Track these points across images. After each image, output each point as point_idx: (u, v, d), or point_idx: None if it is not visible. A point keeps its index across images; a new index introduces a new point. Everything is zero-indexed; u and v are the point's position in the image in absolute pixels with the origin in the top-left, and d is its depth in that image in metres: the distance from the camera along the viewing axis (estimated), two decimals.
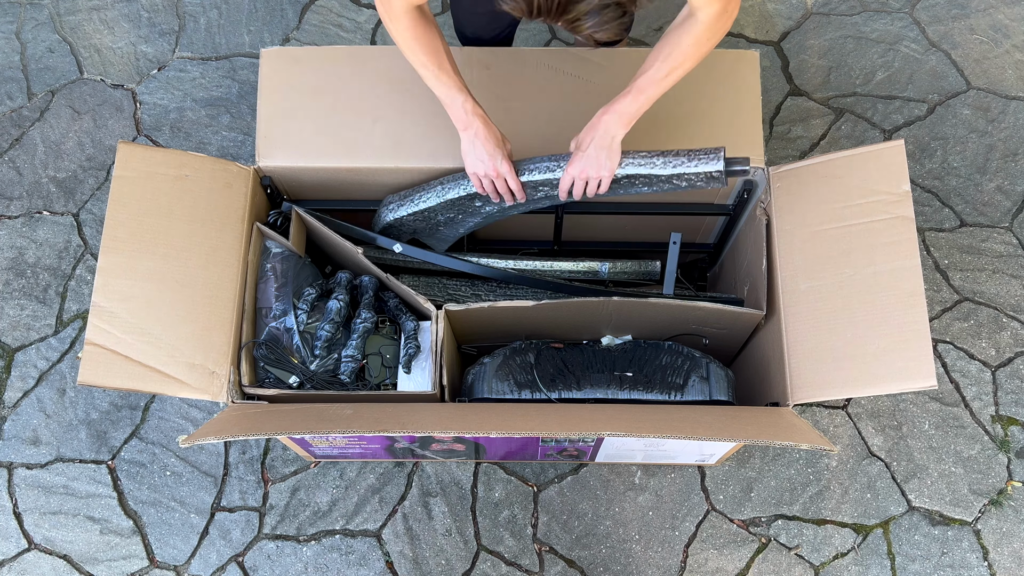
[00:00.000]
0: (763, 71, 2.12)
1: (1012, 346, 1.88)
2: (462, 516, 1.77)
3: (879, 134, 2.08)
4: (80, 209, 2.01)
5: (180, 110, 2.10)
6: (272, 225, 1.46)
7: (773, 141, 2.07)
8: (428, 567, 1.73)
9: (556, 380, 1.43)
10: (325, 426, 1.19)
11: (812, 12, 2.20)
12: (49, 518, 1.77)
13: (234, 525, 1.76)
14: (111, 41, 2.17)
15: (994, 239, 1.97)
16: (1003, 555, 1.73)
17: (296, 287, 1.41)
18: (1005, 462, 1.80)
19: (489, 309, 1.39)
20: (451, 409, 1.34)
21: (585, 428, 1.23)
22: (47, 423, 1.84)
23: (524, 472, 1.80)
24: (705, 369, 1.43)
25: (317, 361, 1.39)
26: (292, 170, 1.45)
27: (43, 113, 2.10)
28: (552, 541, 1.75)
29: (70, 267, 1.96)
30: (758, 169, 1.43)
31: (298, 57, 1.48)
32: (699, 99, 1.46)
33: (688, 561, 1.73)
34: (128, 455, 1.81)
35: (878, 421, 1.83)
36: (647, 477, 1.79)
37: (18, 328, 1.91)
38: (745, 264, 1.52)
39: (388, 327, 1.47)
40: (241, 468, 1.80)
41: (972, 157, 2.05)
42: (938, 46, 2.16)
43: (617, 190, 1.35)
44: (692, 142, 1.43)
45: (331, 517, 1.76)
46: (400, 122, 1.44)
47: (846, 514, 1.76)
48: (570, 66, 1.48)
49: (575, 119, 1.45)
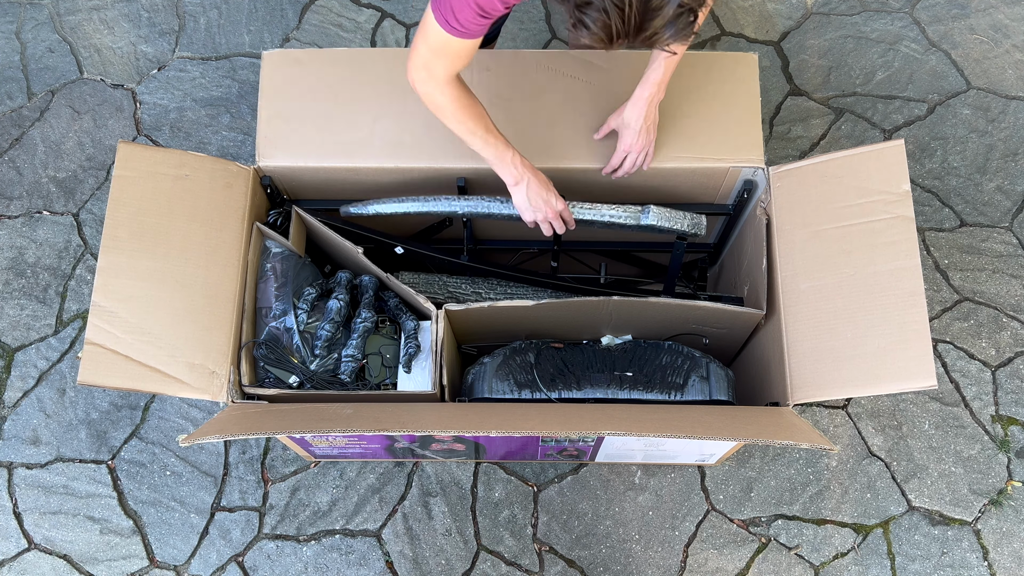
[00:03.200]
0: (763, 71, 2.12)
1: (1012, 346, 1.88)
2: (462, 516, 1.77)
3: (879, 134, 2.08)
4: (80, 209, 2.01)
5: (180, 110, 2.10)
6: (272, 225, 1.46)
7: (773, 141, 2.07)
8: (428, 567, 1.73)
9: (556, 380, 1.43)
10: (325, 426, 1.19)
11: (812, 12, 2.20)
12: (49, 518, 1.77)
13: (234, 525, 1.76)
14: (111, 41, 2.17)
15: (994, 239, 1.97)
16: (1003, 555, 1.73)
17: (296, 287, 1.41)
18: (1005, 462, 1.80)
19: (489, 309, 1.39)
20: (451, 409, 1.34)
21: (585, 428, 1.23)
22: (47, 423, 1.84)
23: (524, 472, 1.80)
24: (705, 369, 1.43)
25: (317, 361, 1.39)
26: (292, 170, 1.45)
27: (43, 113, 2.10)
28: (552, 541, 1.75)
29: (70, 267, 1.96)
30: (758, 169, 1.43)
31: (299, 59, 1.48)
32: (699, 99, 1.46)
33: (688, 561, 1.74)
34: (128, 455, 1.81)
35: (878, 421, 1.83)
36: (647, 477, 1.79)
37: (18, 328, 1.91)
38: (745, 264, 1.52)
39: (388, 327, 1.47)
40: (241, 468, 1.80)
41: (972, 157, 2.05)
42: (938, 46, 2.16)
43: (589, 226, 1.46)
44: (692, 142, 1.44)
45: (331, 517, 1.76)
46: (400, 122, 1.44)
47: (846, 514, 1.76)
48: (570, 68, 1.48)
49: (575, 120, 1.45)
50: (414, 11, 2.22)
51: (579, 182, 1.47)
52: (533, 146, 1.41)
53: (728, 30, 2.20)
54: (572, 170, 1.44)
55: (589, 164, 1.44)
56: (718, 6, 2.22)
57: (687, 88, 1.45)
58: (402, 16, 2.21)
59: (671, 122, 1.45)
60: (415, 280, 1.55)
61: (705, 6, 1.00)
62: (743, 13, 2.21)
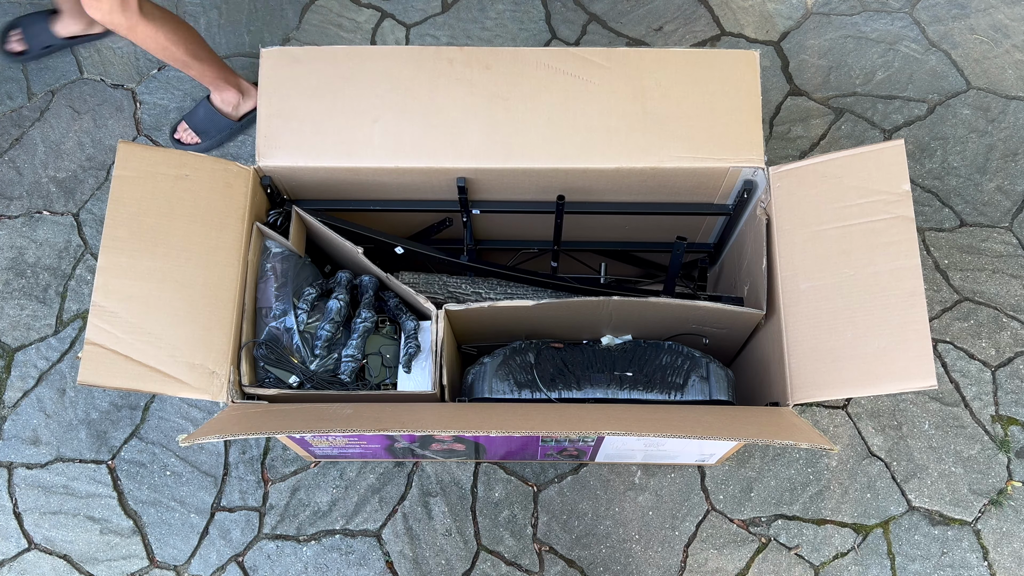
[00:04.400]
0: (763, 71, 2.12)
1: (1012, 346, 1.88)
2: (462, 516, 1.77)
3: (879, 134, 2.08)
4: (80, 209, 2.01)
5: (180, 110, 2.10)
6: (272, 225, 1.46)
7: (773, 141, 2.07)
8: (428, 567, 1.73)
9: (556, 380, 1.43)
10: (325, 426, 1.19)
11: (812, 12, 2.21)
12: (49, 518, 1.77)
13: (234, 525, 1.76)
14: (111, 41, 2.17)
15: (994, 239, 1.97)
16: (1003, 555, 1.73)
17: (296, 287, 1.41)
18: (1005, 462, 1.80)
19: (489, 309, 1.39)
20: (451, 409, 1.34)
21: (585, 428, 1.23)
22: (47, 423, 1.84)
23: (524, 472, 1.80)
24: (705, 369, 1.43)
25: (317, 361, 1.39)
26: (292, 170, 1.45)
27: (43, 113, 2.10)
28: (552, 541, 1.75)
29: (70, 267, 1.96)
30: (758, 169, 1.43)
31: (298, 57, 1.48)
32: (699, 99, 1.46)
33: (688, 561, 1.73)
34: (128, 455, 1.81)
35: (878, 421, 1.83)
36: (647, 477, 1.79)
37: (18, 328, 1.91)
38: (745, 264, 1.52)
39: (388, 327, 1.47)
40: (241, 468, 1.80)
41: (972, 157, 2.05)
42: (938, 46, 2.16)
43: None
44: (692, 142, 1.44)
45: (331, 517, 1.76)
46: (400, 122, 1.44)
47: (846, 514, 1.76)
48: (570, 66, 1.48)
49: (575, 119, 1.45)
50: (414, 11, 2.22)
51: (579, 182, 1.47)
52: (533, 144, 1.41)
53: (728, 30, 2.20)
54: (572, 170, 1.44)
55: (589, 164, 1.44)
56: (718, 6, 2.22)
57: (687, 87, 1.45)
58: (402, 16, 2.21)
59: (671, 122, 1.44)
60: (415, 280, 1.55)
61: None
62: (743, 13, 2.21)
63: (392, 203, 1.54)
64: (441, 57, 1.45)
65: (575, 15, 2.22)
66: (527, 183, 1.47)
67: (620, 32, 2.21)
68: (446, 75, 1.45)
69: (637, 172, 1.44)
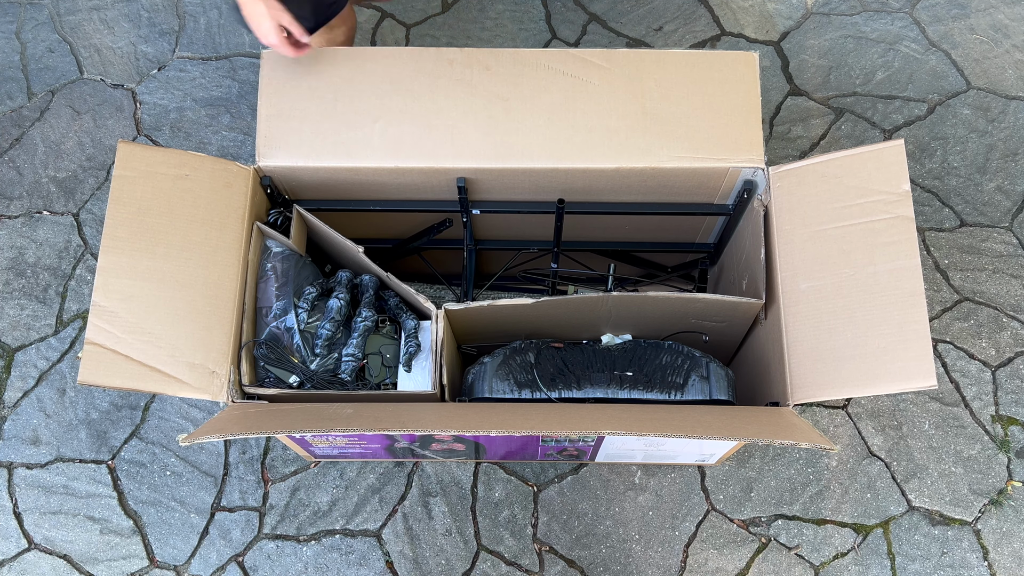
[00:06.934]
0: (763, 71, 2.12)
1: (1012, 346, 1.88)
2: (462, 516, 1.77)
3: (879, 134, 2.08)
4: (80, 209, 2.01)
5: (180, 110, 2.10)
6: (272, 224, 1.46)
7: (773, 141, 2.07)
8: (428, 567, 1.73)
9: (556, 380, 1.43)
10: (325, 425, 1.19)
11: (812, 12, 2.21)
12: (49, 518, 1.77)
13: (234, 525, 1.76)
14: (111, 41, 2.18)
15: (994, 239, 1.97)
16: (1003, 555, 1.73)
17: (297, 286, 1.41)
18: (1005, 462, 1.80)
19: (489, 308, 1.39)
20: (451, 408, 1.34)
21: (585, 427, 1.23)
22: (47, 423, 1.84)
23: (524, 472, 1.80)
24: (705, 368, 1.43)
25: (317, 360, 1.39)
26: (292, 170, 1.45)
27: (43, 113, 2.10)
28: (552, 541, 1.75)
29: (70, 267, 1.96)
30: (758, 169, 1.43)
31: (299, 58, 1.48)
32: (699, 99, 1.46)
33: (688, 561, 1.73)
34: (128, 455, 1.81)
35: (878, 421, 1.83)
36: (647, 477, 1.79)
37: (18, 328, 1.91)
38: (744, 258, 1.52)
39: (388, 326, 1.47)
40: (241, 468, 1.80)
41: (972, 157, 2.05)
42: (938, 46, 2.16)
43: None
44: (692, 142, 1.44)
45: (331, 517, 1.76)
46: (400, 122, 1.44)
47: (846, 514, 1.76)
48: (570, 67, 1.48)
49: (575, 119, 1.45)
50: (414, 11, 2.22)
51: (579, 182, 1.47)
52: (533, 145, 1.41)
53: (728, 30, 2.20)
54: (572, 170, 1.44)
55: (589, 164, 1.44)
56: (718, 6, 2.22)
57: (687, 87, 1.45)
58: (402, 16, 2.21)
59: (671, 122, 1.44)
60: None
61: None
62: (743, 13, 2.21)
63: (392, 203, 1.54)
64: (441, 58, 1.46)
65: (575, 15, 2.22)
66: (527, 183, 1.48)
67: (620, 32, 2.21)
68: (446, 76, 1.45)
69: (637, 172, 1.44)
